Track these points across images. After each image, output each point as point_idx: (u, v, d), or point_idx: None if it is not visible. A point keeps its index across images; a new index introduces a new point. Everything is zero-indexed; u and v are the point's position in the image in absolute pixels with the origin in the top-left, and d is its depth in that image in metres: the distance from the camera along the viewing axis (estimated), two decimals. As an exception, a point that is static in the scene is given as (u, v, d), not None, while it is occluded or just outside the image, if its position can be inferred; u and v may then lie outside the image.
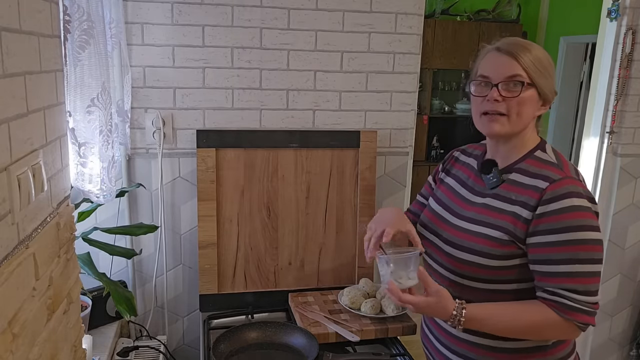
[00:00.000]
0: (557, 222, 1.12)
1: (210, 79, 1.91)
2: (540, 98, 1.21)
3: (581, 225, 1.11)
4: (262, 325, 1.65)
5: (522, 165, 1.22)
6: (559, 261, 1.12)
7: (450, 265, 1.26)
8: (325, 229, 2.00)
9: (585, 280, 1.12)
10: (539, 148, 1.24)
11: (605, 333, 2.63)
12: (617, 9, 2.27)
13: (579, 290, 1.12)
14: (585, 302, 1.12)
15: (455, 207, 1.32)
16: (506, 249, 1.17)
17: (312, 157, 1.97)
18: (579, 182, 1.17)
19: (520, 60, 1.19)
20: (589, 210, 1.13)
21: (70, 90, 1.27)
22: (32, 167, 0.84)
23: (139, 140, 1.91)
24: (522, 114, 1.20)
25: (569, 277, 1.12)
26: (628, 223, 2.50)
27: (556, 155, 1.23)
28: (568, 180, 1.15)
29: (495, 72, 1.20)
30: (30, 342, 0.82)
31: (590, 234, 1.12)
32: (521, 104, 1.19)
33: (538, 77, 1.19)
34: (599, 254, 1.13)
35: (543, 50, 1.23)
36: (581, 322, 1.13)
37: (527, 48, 1.21)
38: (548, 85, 1.21)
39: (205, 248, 1.88)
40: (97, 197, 1.45)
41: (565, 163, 1.21)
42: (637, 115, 2.38)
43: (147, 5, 1.81)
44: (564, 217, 1.11)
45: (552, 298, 1.13)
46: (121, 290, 1.48)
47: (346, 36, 1.97)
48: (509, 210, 1.18)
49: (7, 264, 0.75)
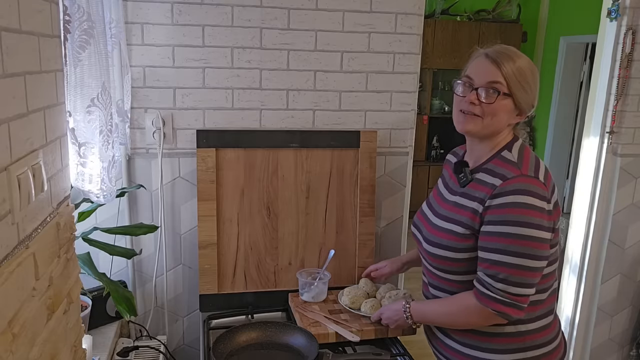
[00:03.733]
0: (498, 215, 1.21)
1: (210, 79, 1.91)
2: (517, 108, 1.29)
3: (520, 221, 1.18)
4: (262, 325, 1.65)
5: (488, 165, 1.31)
6: (491, 249, 1.21)
7: (429, 260, 1.39)
8: (325, 229, 2.00)
9: (510, 271, 1.19)
10: (506, 148, 1.31)
11: (605, 333, 2.63)
12: (617, 9, 2.27)
13: (499, 278, 1.19)
14: (502, 291, 1.19)
15: (436, 205, 1.44)
16: (468, 242, 1.28)
17: (312, 157, 1.97)
18: (533, 179, 1.22)
19: (503, 69, 1.25)
20: (533, 208, 1.19)
21: (70, 90, 1.27)
22: (32, 167, 0.84)
23: (139, 140, 1.91)
24: (495, 120, 1.28)
25: (494, 265, 1.20)
26: (628, 223, 2.50)
27: (520, 154, 1.29)
28: (520, 178, 1.22)
29: (478, 76, 1.28)
30: (30, 342, 0.82)
31: (528, 230, 1.18)
32: (495, 110, 1.27)
33: (517, 89, 1.26)
34: (535, 250, 1.19)
35: (530, 63, 1.29)
36: (495, 310, 1.21)
37: (512, 58, 1.27)
38: (526, 98, 1.27)
39: (205, 248, 1.88)
40: (97, 197, 1.45)
41: (526, 162, 1.27)
42: (637, 115, 2.38)
43: (147, 5, 1.81)
44: (505, 211, 1.20)
45: (475, 284, 1.25)
46: (121, 290, 1.48)
47: (346, 36, 1.97)
48: (470, 207, 1.28)
49: (7, 264, 0.75)
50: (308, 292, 1.85)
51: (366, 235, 2.02)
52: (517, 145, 1.32)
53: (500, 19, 5.19)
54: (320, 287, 1.85)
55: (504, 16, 5.22)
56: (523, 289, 1.20)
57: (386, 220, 2.16)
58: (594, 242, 2.51)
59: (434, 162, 5.55)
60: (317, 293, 1.84)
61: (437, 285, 1.41)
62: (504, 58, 1.27)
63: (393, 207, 2.16)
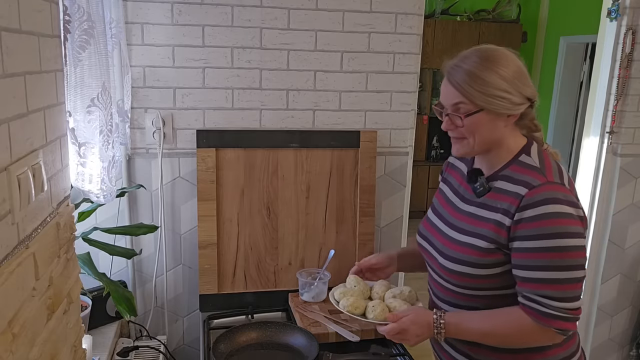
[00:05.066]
0: (533, 228, 1.10)
1: (210, 79, 1.91)
2: (496, 113, 1.15)
3: (557, 232, 1.09)
4: (262, 325, 1.65)
5: (506, 172, 1.19)
6: (535, 267, 1.11)
7: (445, 276, 1.26)
8: (325, 229, 2.00)
9: (563, 287, 1.11)
10: (524, 152, 1.20)
11: (605, 333, 2.63)
12: (617, 9, 2.27)
13: (555, 297, 1.10)
14: (562, 309, 1.11)
15: (447, 215, 1.32)
16: (493, 257, 1.17)
17: (312, 157, 1.97)
18: (560, 186, 1.13)
19: (458, 86, 1.15)
20: (567, 216, 1.10)
21: (70, 90, 1.27)
22: (32, 167, 0.84)
23: (139, 140, 1.91)
24: (481, 135, 1.17)
25: (545, 284, 1.11)
26: (628, 223, 2.50)
27: (540, 158, 1.19)
28: (547, 186, 1.12)
29: (444, 101, 1.20)
30: (30, 342, 0.82)
31: (567, 241, 1.09)
32: (473, 129, 1.17)
33: (481, 99, 1.13)
34: (578, 260, 1.11)
35: (481, 57, 1.15)
36: (558, 328, 1.12)
37: (461, 67, 1.16)
38: (499, 100, 1.13)
39: (205, 248, 1.88)
40: (97, 197, 1.45)
41: (548, 167, 1.17)
42: (637, 115, 2.38)
43: (147, 5, 1.81)
44: (540, 224, 1.10)
45: (528, 304, 1.13)
46: (121, 290, 1.48)
47: (346, 36, 1.97)
48: (492, 219, 1.17)
49: (7, 264, 0.75)
50: (308, 292, 1.85)
51: (366, 235, 2.02)
52: (534, 149, 1.21)
53: (500, 19, 5.19)
54: (320, 287, 1.85)
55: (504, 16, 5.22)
56: (578, 302, 1.12)
57: (386, 220, 2.16)
58: (594, 242, 2.51)
59: (434, 162, 5.55)
60: (317, 293, 1.84)
61: (449, 301, 1.28)
62: (455, 71, 1.17)
63: (393, 207, 2.16)
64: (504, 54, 1.17)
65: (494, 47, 1.19)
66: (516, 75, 1.15)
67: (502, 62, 1.15)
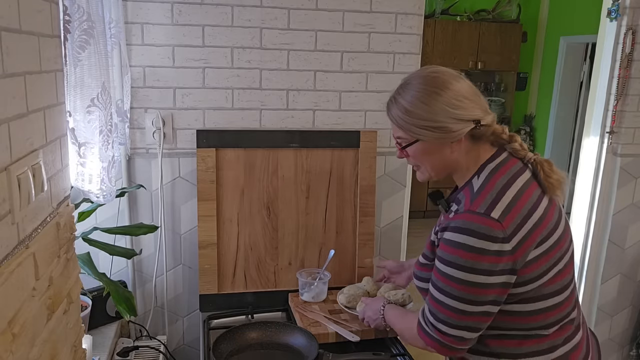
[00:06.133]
0: (440, 250, 1.12)
1: (210, 79, 1.91)
2: (443, 137, 1.13)
3: (457, 263, 1.07)
4: (262, 325, 1.65)
5: (459, 195, 1.18)
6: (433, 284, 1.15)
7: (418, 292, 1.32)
8: (325, 229, 2.00)
9: (439, 308, 1.13)
10: (477, 174, 1.16)
11: (605, 333, 2.63)
12: (617, 9, 2.27)
13: (438, 317, 1.13)
14: (439, 332, 1.14)
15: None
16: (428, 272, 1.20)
17: (312, 157, 1.97)
18: (479, 217, 1.07)
19: (394, 120, 1.17)
20: (475, 250, 1.05)
21: (70, 90, 1.27)
22: (32, 167, 0.84)
23: (139, 140, 1.91)
24: (429, 165, 1.19)
25: (435, 302, 1.14)
26: (628, 223, 2.50)
27: (484, 182, 1.13)
28: (466, 215, 1.09)
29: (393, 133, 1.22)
30: (30, 342, 0.82)
31: (462, 274, 1.07)
32: (418, 158, 1.19)
33: (414, 132, 1.14)
34: (471, 295, 1.08)
35: (415, 91, 1.13)
36: (428, 346, 1.17)
37: (396, 100, 1.16)
38: (437, 131, 1.12)
39: (205, 248, 1.88)
40: (97, 197, 1.45)
41: (484, 194, 1.10)
42: (637, 115, 2.38)
43: (147, 5, 1.81)
44: (445, 248, 1.11)
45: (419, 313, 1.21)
46: (121, 290, 1.48)
47: (346, 36, 1.97)
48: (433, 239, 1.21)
49: (7, 264, 0.75)
50: (308, 292, 1.85)
51: (366, 235, 2.02)
52: (487, 170, 1.15)
53: (500, 19, 5.19)
54: (320, 287, 1.85)
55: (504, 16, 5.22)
56: (460, 331, 1.11)
57: (386, 221, 2.16)
58: (594, 242, 2.51)
59: (434, 162, 5.55)
60: (317, 293, 1.84)
61: None
62: (391, 105, 1.17)
63: (393, 207, 2.16)
64: (442, 81, 1.13)
65: (432, 74, 1.15)
66: (453, 102, 1.11)
67: (438, 92, 1.12)
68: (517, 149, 1.18)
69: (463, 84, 1.14)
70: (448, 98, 1.11)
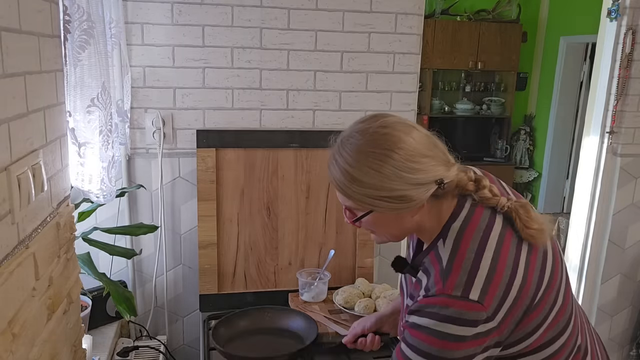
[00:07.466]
0: (412, 337, 0.95)
1: (210, 79, 1.91)
2: (400, 210, 0.96)
3: (433, 354, 0.91)
4: (260, 310, 1.68)
5: (426, 262, 1.00)
6: None
7: None
8: (325, 229, 2.00)
9: None
10: (442, 236, 0.99)
11: (605, 333, 2.63)
12: (617, 9, 2.27)
13: None
14: None
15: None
16: None
17: (312, 157, 1.97)
18: (456, 301, 0.90)
19: (339, 188, 0.99)
20: (454, 338, 0.90)
21: (70, 90, 1.27)
22: (32, 167, 0.84)
23: (139, 140, 1.91)
24: (387, 232, 1.04)
25: None
26: (628, 223, 2.50)
27: (455, 246, 0.96)
28: (440, 299, 0.91)
29: None
30: (30, 342, 0.82)
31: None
32: (373, 228, 1.05)
33: (366, 202, 0.96)
34: None
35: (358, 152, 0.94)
36: None
37: (336, 161, 0.97)
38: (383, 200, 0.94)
39: (205, 248, 1.88)
40: (97, 197, 1.45)
41: (457, 266, 0.93)
42: (637, 115, 2.38)
43: (147, 5, 1.81)
44: (419, 335, 0.93)
45: None
46: (121, 290, 1.48)
47: (346, 36, 1.97)
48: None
49: (7, 264, 0.75)
50: (308, 292, 1.85)
51: (366, 235, 2.02)
52: (454, 229, 0.97)
53: (500, 19, 5.18)
54: (320, 287, 1.85)
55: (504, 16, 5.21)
56: None
57: (386, 220, 2.16)
58: (594, 242, 2.51)
59: (434, 162, 5.54)
60: (317, 293, 1.84)
61: None
62: (332, 167, 0.98)
63: (393, 207, 2.15)
64: (392, 140, 0.94)
65: (380, 130, 0.96)
66: (409, 164, 0.93)
67: (389, 154, 0.93)
68: (486, 198, 1.00)
69: (416, 137, 0.96)
70: (402, 161, 0.93)
